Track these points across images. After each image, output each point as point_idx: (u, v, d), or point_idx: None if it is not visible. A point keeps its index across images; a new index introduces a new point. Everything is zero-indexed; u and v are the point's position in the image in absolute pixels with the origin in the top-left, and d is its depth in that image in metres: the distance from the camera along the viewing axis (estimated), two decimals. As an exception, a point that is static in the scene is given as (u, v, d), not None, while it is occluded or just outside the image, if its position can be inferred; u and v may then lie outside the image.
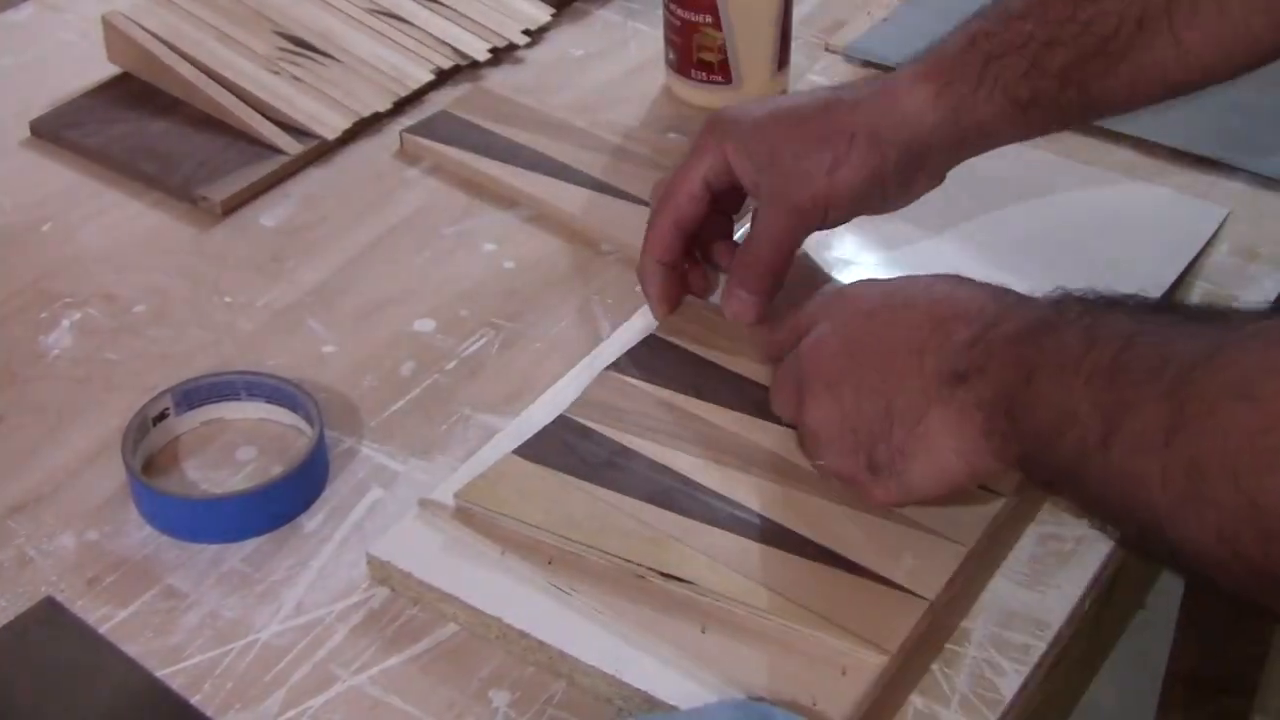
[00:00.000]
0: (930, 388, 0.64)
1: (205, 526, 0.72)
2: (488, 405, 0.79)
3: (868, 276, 0.76)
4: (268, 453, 0.77)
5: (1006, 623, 0.68)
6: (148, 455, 0.76)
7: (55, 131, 1.00)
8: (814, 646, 0.64)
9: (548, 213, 0.92)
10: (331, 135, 0.98)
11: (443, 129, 0.99)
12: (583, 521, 0.69)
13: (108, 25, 1.03)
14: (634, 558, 0.67)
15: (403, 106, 1.02)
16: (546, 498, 0.70)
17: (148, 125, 0.99)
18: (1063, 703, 0.75)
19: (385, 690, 0.65)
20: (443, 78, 1.05)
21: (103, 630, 0.68)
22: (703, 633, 0.65)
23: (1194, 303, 0.83)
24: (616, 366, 0.78)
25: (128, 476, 0.73)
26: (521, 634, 0.66)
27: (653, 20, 1.07)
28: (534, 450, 0.72)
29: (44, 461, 0.76)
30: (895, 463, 0.65)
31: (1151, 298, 0.62)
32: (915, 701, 0.64)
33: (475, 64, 1.07)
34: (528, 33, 1.10)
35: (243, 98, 0.99)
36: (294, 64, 1.03)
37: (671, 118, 1.02)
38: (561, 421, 0.74)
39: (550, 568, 0.67)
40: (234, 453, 0.77)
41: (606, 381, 0.77)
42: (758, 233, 0.77)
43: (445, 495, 0.70)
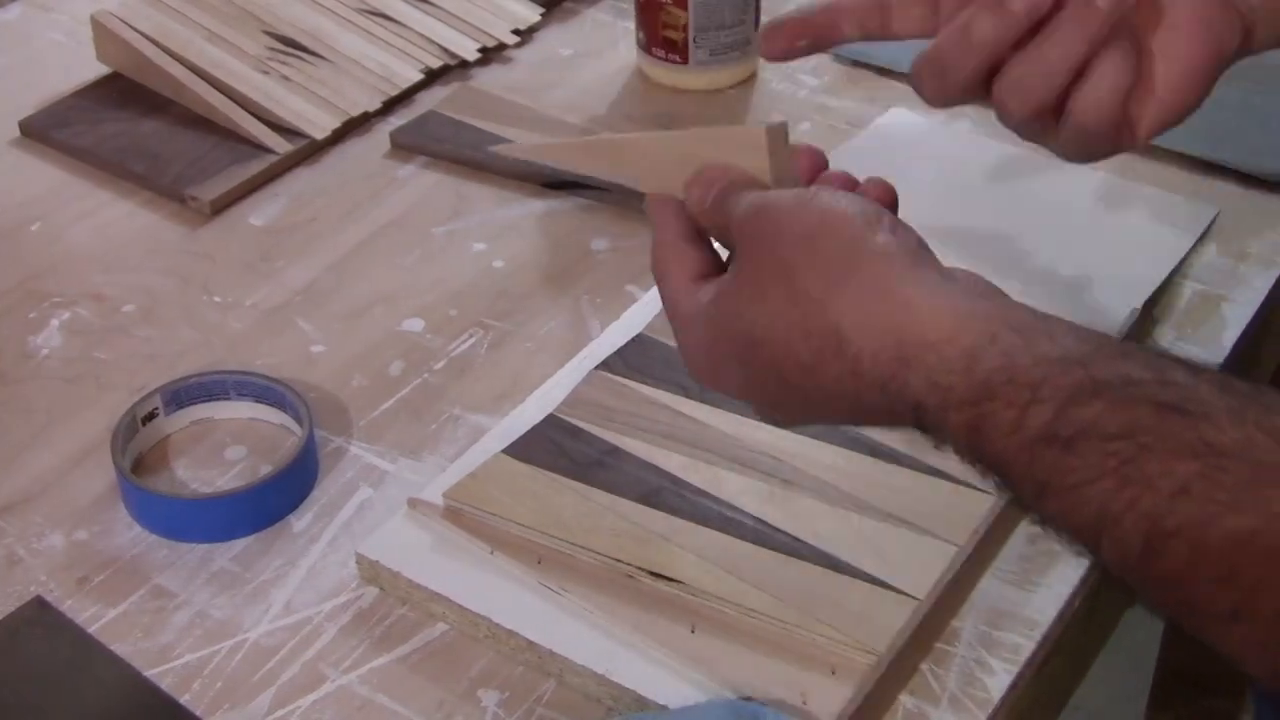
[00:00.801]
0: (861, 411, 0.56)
1: (194, 526, 0.72)
2: (477, 405, 0.79)
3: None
4: (257, 452, 0.76)
5: (996, 622, 0.68)
6: (137, 455, 0.75)
7: (44, 131, 0.99)
8: (803, 646, 0.64)
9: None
10: (321, 135, 0.98)
11: (432, 128, 0.99)
12: (572, 521, 0.69)
13: (97, 25, 1.03)
14: (623, 557, 0.67)
15: (392, 106, 1.02)
16: (536, 497, 0.70)
17: (137, 125, 0.99)
18: (1052, 702, 0.75)
19: (374, 690, 0.65)
20: (432, 77, 1.05)
21: (92, 630, 0.67)
22: (692, 632, 0.65)
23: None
24: (606, 366, 0.78)
25: (117, 476, 0.73)
26: (511, 633, 0.65)
27: (643, 20, 1.07)
28: (523, 450, 0.72)
29: (33, 461, 0.76)
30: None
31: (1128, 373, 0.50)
32: (905, 700, 0.64)
33: (465, 64, 1.07)
34: (517, 32, 1.10)
35: (232, 97, 0.99)
36: (283, 63, 1.03)
37: (662, 116, 1.02)
38: (551, 421, 0.74)
39: (540, 567, 0.67)
40: (223, 452, 0.77)
41: (596, 381, 0.77)
42: None
43: (434, 495, 0.70)
